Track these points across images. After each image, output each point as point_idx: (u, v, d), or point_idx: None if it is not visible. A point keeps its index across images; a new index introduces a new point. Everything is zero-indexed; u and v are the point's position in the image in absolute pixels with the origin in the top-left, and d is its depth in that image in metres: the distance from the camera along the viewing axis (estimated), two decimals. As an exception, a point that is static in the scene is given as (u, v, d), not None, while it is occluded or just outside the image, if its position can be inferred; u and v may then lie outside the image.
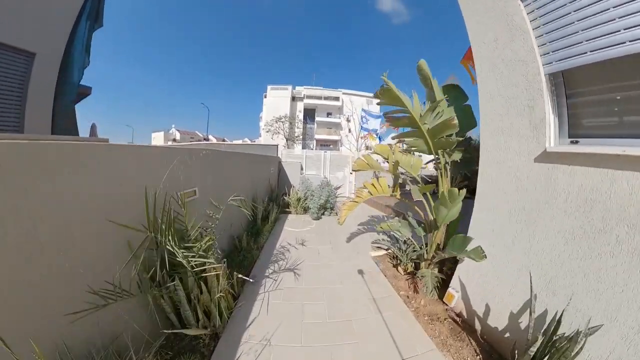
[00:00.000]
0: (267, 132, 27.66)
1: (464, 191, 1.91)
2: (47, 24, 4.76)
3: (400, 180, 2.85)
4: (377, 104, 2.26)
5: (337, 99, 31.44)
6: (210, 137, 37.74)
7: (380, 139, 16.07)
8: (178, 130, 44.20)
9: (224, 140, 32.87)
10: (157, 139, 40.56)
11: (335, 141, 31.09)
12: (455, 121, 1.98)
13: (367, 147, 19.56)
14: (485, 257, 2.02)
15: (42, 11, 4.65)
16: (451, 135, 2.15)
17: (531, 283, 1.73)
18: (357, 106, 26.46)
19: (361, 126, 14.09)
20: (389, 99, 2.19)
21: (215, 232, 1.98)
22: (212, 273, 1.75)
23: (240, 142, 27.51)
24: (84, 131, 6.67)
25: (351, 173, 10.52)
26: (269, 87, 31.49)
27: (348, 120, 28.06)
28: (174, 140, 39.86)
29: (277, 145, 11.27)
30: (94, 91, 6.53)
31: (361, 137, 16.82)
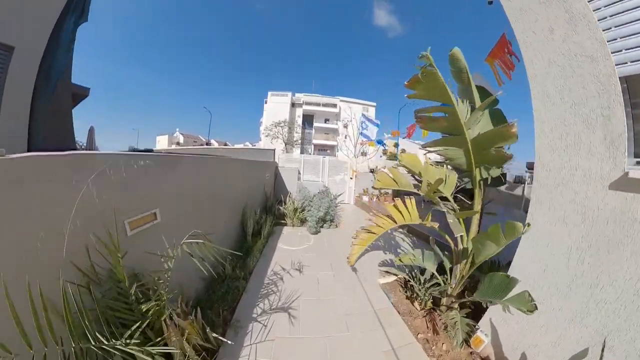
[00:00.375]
0: (267, 136, 27.85)
1: (529, 227, 1.42)
2: (29, 16, 4.32)
3: (442, 206, 2.23)
4: (408, 96, 1.70)
5: (334, 105, 31.77)
6: (212, 141, 37.23)
7: (380, 143, 15.64)
8: (182, 134, 43.68)
9: (225, 144, 32.44)
10: (162, 142, 40.21)
11: (332, 146, 31.16)
12: (515, 129, 1.50)
13: (363, 154, 19.22)
14: (536, 308, 1.55)
15: (24, 2, 4.22)
16: (501, 147, 1.65)
17: (602, 352, 1.32)
18: (355, 111, 26.34)
19: (360, 132, 13.61)
20: (430, 89, 1.57)
21: (168, 289, 1.43)
22: (173, 350, 1.21)
23: (241, 146, 27.39)
24: (82, 134, 6.12)
25: (351, 178, 10.15)
26: (269, 93, 31.77)
27: (345, 126, 27.92)
28: (178, 143, 39.40)
29: (274, 150, 10.78)
30: (94, 92, 6.03)
31: (359, 144, 16.37)
